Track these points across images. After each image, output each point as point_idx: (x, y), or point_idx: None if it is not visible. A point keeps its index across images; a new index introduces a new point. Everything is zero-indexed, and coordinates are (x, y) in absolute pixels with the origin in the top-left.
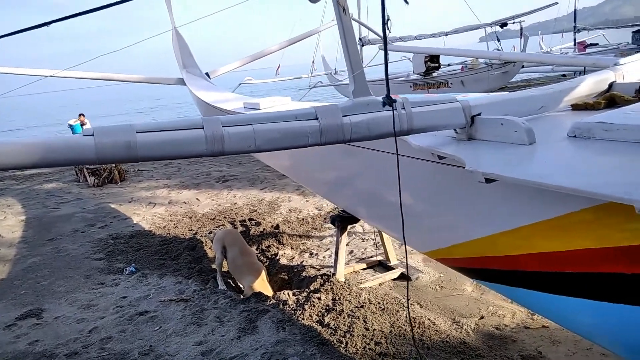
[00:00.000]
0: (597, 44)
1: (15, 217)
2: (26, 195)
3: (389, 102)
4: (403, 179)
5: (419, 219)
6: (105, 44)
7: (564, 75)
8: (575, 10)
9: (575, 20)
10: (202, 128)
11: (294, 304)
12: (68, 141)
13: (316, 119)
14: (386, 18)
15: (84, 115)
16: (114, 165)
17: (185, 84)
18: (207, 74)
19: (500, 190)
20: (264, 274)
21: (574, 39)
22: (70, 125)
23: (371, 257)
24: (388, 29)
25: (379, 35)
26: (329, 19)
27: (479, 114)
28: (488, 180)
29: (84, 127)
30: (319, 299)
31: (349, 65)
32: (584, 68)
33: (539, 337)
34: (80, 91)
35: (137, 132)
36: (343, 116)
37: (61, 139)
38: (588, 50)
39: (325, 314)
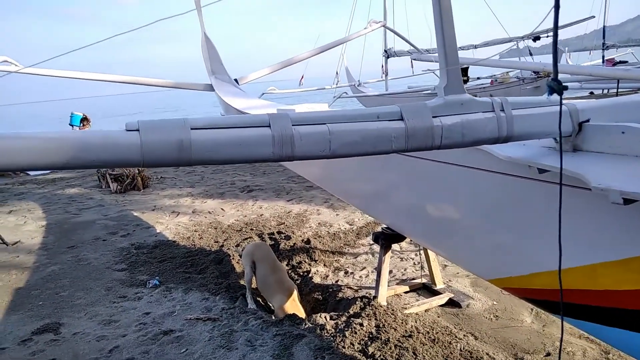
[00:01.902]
0: (626, 62)
1: (36, 223)
2: (48, 199)
3: (558, 88)
4: (471, 193)
5: (488, 242)
6: (127, 54)
7: (591, 93)
8: (604, 26)
9: (604, 37)
10: (269, 126)
11: (333, 330)
12: (107, 137)
13: (401, 119)
14: None
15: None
16: (137, 171)
17: (213, 90)
18: (235, 80)
19: (607, 214)
20: (295, 293)
21: (603, 56)
22: (72, 114)
23: (413, 278)
24: None
25: (413, 46)
26: (356, 29)
27: (588, 120)
28: (626, 202)
29: (84, 124)
30: (361, 325)
31: (443, 53)
32: (618, 83)
33: None
34: (92, 100)
35: (191, 129)
36: (433, 117)
37: (99, 134)
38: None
39: (369, 342)
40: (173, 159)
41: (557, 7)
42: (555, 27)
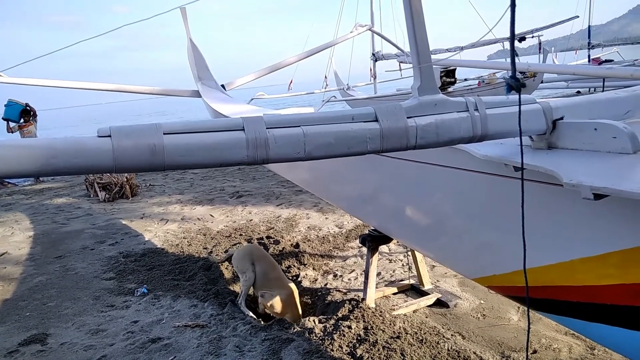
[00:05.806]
0: (612, 60)
1: (23, 233)
2: (35, 210)
3: (516, 85)
4: (452, 193)
5: (471, 241)
6: (117, 61)
7: (578, 92)
8: (589, 26)
9: (589, 37)
10: (243, 130)
11: (321, 333)
12: (79, 143)
13: (376, 120)
14: None
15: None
16: (125, 179)
17: (200, 96)
18: (222, 85)
19: (584, 210)
20: (295, 292)
21: (589, 56)
22: (9, 103)
23: (401, 280)
24: None
25: (399, 48)
26: (344, 33)
27: (562, 118)
28: (597, 197)
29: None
30: (349, 327)
31: (415, 53)
32: (603, 82)
33: None
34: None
35: (164, 134)
36: (407, 118)
37: (70, 140)
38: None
39: (357, 345)
40: (146, 164)
41: (513, 4)
42: (512, 25)
